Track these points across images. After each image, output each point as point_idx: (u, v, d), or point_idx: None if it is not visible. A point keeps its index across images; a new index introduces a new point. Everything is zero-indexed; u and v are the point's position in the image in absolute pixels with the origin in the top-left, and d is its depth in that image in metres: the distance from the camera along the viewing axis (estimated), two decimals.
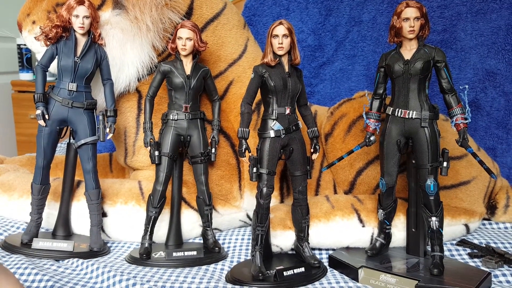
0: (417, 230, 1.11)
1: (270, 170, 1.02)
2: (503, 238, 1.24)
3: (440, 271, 1.00)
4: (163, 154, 1.13)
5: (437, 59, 1.02)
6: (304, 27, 1.81)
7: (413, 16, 1.01)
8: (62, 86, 1.11)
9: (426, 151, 1.01)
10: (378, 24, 1.75)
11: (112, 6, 1.18)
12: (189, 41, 1.12)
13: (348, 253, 1.12)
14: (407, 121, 1.03)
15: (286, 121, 1.04)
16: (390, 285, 0.98)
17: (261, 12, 1.84)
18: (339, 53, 1.80)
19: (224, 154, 1.30)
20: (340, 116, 1.32)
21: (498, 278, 1.03)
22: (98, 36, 1.14)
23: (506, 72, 1.63)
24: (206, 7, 1.32)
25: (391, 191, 1.09)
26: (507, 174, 1.59)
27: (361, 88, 1.68)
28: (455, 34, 1.68)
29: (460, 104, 1.02)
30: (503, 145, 1.64)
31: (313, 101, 1.76)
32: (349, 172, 1.28)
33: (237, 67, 1.36)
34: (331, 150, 1.31)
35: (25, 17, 1.24)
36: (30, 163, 1.50)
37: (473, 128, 1.65)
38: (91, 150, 1.13)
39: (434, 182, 1.01)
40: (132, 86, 1.25)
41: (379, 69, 1.08)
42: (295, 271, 1.03)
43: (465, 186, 1.25)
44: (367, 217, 1.17)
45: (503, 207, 1.35)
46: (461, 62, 1.67)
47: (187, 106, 1.15)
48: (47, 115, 1.11)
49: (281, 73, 1.03)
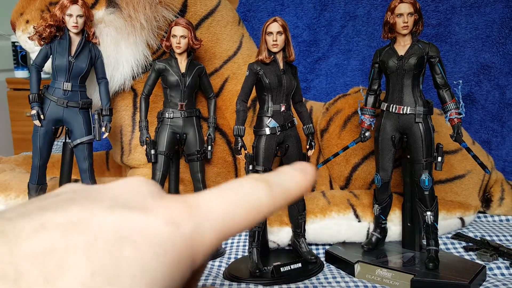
0: (412, 224, 1.12)
1: (266, 167, 1.03)
2: (498, 231, 1.25)
3: (436, 265, 1.01)
4: (159, 152, 1.13)
5: (431, 55, 1.02)
6: (299, 22, 1.80)
7: (407, 11, 1.01)
8: (57, 86, 1.11)
9: (421, 146, 1.02)
10: (373, 18, 1.75)
11: (106, 4, 1.18)
12: (184, 39, 1.12)
13: (344, 248, 1.13)
14: (402, 117, 1.03)
15: (282, 118, 1.04)
16: (386, 279, 0.99)
17: (256, 7, 1.84)
18: (334, 48, 1.80)
19: (220, 152, 1.30)
20: (335, 112, 1.32)
21: (493, 271, 1.04)
22: (92, 35, 1.14)
23: (501, 66, 1.63)
24: (200, 4, 1.32)
25: (386, 186, 1.10)
26: (502, 167, 1.60)
27: (357, 83, 1.68)
28: (449, 28, 1.68)
29: (454, 99, 1.03)
30: (498, 138, 1.64)
31: (309, 96, 1.76)
32: (344, 168, 1.29)
33: (232, 64, 1.36)
34: (327, 146, 1.31)
35: (19, 16, 1.24)
36: (27, 163, 1.50)
37: (468, 122, 1.66)
38: (87, 149, 1.14)
39: (428, 177, 1.02)
40: (127, 84, 1.25)
41: (373, 65, 1.08)
42: (292, 266, 1.04)
43: (460, 180, 1.26)
44: (363, 212, 1.18)
45: (498, 200, 1.36)
46: (456, 55, 1.68)
47: (182, 104, 1.15)
48: (43, 115, 1.11)
49: (276, 70, 1.03)
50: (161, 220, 0.18)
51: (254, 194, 0.20)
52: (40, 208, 0.18)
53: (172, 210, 0.19)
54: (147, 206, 0.19)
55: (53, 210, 0.18)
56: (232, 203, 0.19)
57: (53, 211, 0.18)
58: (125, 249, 0.17)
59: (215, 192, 0.20)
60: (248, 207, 0.20)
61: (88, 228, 0.17)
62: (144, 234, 0.18)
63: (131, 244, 0.17)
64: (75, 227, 0.17)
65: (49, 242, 0.17)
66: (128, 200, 0.20)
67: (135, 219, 0.18)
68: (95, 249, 0.17)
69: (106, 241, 0.17)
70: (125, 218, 0.18)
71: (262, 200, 0.20)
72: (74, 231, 0.17)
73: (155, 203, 0.19)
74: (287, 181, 0.21)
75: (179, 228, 0.18)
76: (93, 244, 0.17)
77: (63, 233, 0.17)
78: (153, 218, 0.18)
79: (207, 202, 0.19)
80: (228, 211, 0.19)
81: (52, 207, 0.18)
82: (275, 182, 0.21)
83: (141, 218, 0.18)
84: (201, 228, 0.19)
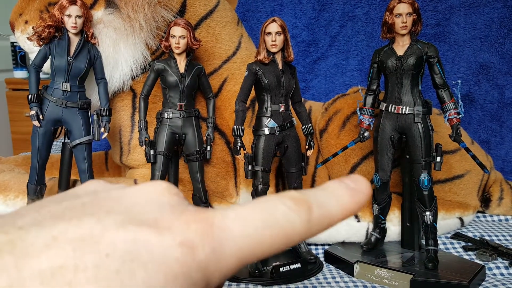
0: (411, 224, 1.12)
1: (265, 168, 1.03)
2: (497, 231, 1.25)
3: (435, 264, 1.01)
4: (158, 152, 1.13)
5: (430, 55, 1.02)
6: (298, 22, 1.81)
7: (406, 12, 1.01)
8: (56, 86, 1.11)
9: (420, 146, 1.02)
10: (371, 18, 1.75)
11: (105, 5, 1.18)
12: (183, 39, 1.12)
13: (343, 248, 1.13)
14: (401, 117, 1.04)
15: (281, 118, 1.05)
16: (385, 279, 0.99)
17: (254, 7, 1.84)
18: (333, 48, 1.80)
19: (219, 152, 1.30)
20: (334, 112, 1.32)
21: (492, 270, 1.04)
22: (91, 35, 1.14)
23: (499, 65, 1.64)
24: (199, 4, 1.32)
25: (385, 186, 1.10)
26: (501, 167, 1.60)
27: (356, 83, 1.69)
28: (448, 28, 1.68)
29: (453, 99, 1.03)
30: (497, 138, 1.65)
31: (308, 96, 1.76)
32: (344, 168, 1.29)
33: (231, 64, 1.36)
34: (326, 146, 1.31)
35: (18, 17, 1.23)
36: (26, 163, 1.50)
37: (467, 121, 1.66)
38: (86, 149, 1.13)
39: (427, 177, 1.02)
40: (126, 84, 1.25)
41: (372, 65, 1.08)
42: (291, 267, 1.04)
43: (459, 179, 1.26)
44: (362, 212, 1.18)
45: (497, 199, 1.36)
46: (455, 55, 1.68)
47: (181, 105, 1.15)
48: (42, 116, 1.10)
49: (275, 71, 1.03)
50: (177, 240, 0.17)
51: (289, 218, 0.18)
52: (54, 216, 0.18)
53: (191, 230, 0.17)
54: (163, 222, 0.18)
55: (67, 220, 0.18)
56: (261, 228, 0.18)
57: (67, 221, 0.18)
58: (134, 271, 0.16)
59: (245, 211, 0.18)
60: (279, 233, 0.18)
61: (99, 246, 0.17)
62: (155, 255, 0.17)
63: (141, 266, 0.16)
64: (87, 244, 0.17)
65: (59, 261, 0.16)
66: (145, 212, 0.18)
67: (148, 238, 0.17)
68: (104, 270, 0.16)
69: (115, 261, 0.16)
70: (138, 235, 0.17)
71: (296, 226, 0.18)
72: (85, 248, 0.17)
73: (173, 219, 0.18)
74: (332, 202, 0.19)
75: (195, 251, 0.17)
76: (102, 265, 0.16)
77: (74, 251, 0.16)
78: (168, 238, 0.17)
79: (232, 222, 0.18)
80: (255, 237, 0.18)
81: (67, 216, 0.18)
82: (317, 203, 0.19)
83: (154, 237, 0.17)
84: (219, 253, 0.17)
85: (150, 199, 0.19)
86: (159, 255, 0.17)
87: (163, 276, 0.16)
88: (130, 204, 0.19)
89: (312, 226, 0.18)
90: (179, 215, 0.18)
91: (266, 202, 0.19)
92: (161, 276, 0.16)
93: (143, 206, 0.19)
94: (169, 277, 0.16)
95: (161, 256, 0.17)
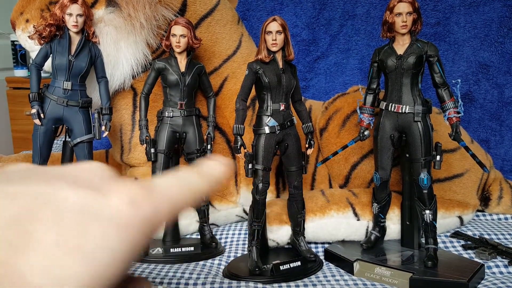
0: (411, 223, 1.12)
1: (266, 166, 1.03)
2: (496, 230, 1.26)
3: (434, 263, 1.01)
4: (159, 151, 1.13)
5: (430, 54, 1.03)
6: (298, 21, 1.81)
7: (406, 11, 1.01)
8: (57, 85, 1.11)
9: (420, 145, 1.03)
10: (371, 17, 1.75)
11: (106, 3, 1.18)
12: (183, 38, 1.12)
13: (343, 247, 1.14)
14: (400, 116, 1.04)
15: (281, 117, 1.05)
16: (385, 277, 1.00)
17: (255, 6, 1.84)
18: (333, 47, 1.80)
19: (220, 150, 1.30)
20: (334, 110, 1.33)
21: (492, 269, 1.04)
22: (92, 34, 1.14)
23: (499, 64, 1.64)
24: (199, 3, 1.32)
25: (385, 184, 1.10)
26: (500, 166, 1.60)
27: (356, 82, 1.69)
28: (448, 27, 1.68)
29: (452, 98, 1.03)
30: (497, 137, 1.65)
31: (308, 95, 1.77)
32: (344, 167, 1.29)
33: (231, 63, 1.36)
34: (326, 145, 1.32)
35: (19, 15, 1.24)
36: (27, 162, 1.50)
37: (467, 121, 1.67)
38: (87, 148, 1.14)
39: (427, 176, 1.03)
40: (127, 83, 1.25)
41: (372, 64, 1.09)
42: (291, 265, 1.04)
43: (458, 178, 1.26)
44: (362, 211, 1.18)
45: (496, 198, 1.36)
46: (455, 55, 1.68)
47: (182, 103, 1.15)
48: (43, 114, 1.11)
49: (275, 70, 1.04)
50: (123, 200, 0.20)
51: (193, 180, 0.24)
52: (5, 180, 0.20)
53: (132, 192, 0.21)
54: (107, 188, 0.21)
55: (17, 182, 0.19)
56: (179, 188, 0.23)
57: (19, 183, 0.19)
58: (90, 225, 0.18)
59: (165, 179, 0.23)
60: (190, 190, 0.24)
61: (55, 200, 0.19)
62: (107, 213, 0.19)
63: (95, 221, 0.19)
64: (42, 199, 0.18)
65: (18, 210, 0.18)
66: (89, 181, 0.21)
67: (98, 199, 0.20)
68: (63, 221, 0.18)
69: (73, 214, 0.18)
70: (89, 196, 0.20)
71: (198, 185, 0.24)
72: (43, 201, 0.18)
73: (115, 185, 0.21)
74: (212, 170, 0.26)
75: (139, 209, 0.20)
76: (61, 216, 0.18)
77: (32, 202, 0.18)
78: (115, 199, 0.20)
79: (160, 187, 0.22)
80: (177, 194, 0.23)
81: (16, 180, 0.20)
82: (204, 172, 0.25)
83: (103, 198, 0.20)
84: (158, 210, 0.21)
85: (89, 172, 0.22)
86: (111, 213, 0.19)
87: (116, 230, 0.19)
88: (73, 175, 0.22)
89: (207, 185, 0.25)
90: (120, 183, 0.21)
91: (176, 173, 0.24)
92: (114, 230, 0.19)
93: (85, 177, 0.22)
94: (122, 231, 0.19)
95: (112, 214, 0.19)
